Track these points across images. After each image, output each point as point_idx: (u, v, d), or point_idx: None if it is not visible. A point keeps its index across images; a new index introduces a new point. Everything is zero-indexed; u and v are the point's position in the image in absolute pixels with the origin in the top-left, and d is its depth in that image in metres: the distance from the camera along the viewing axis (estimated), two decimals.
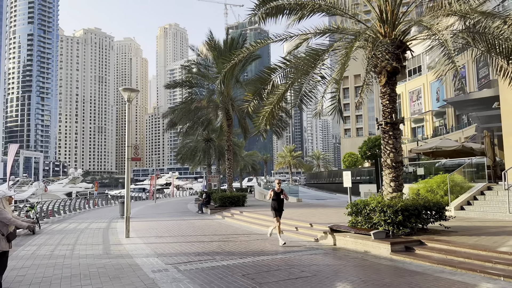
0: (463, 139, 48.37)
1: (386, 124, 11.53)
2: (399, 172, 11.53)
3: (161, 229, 17.32)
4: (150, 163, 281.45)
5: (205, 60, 27.70)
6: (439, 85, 70.67)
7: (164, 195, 68.76)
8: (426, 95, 73.02)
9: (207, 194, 26.95)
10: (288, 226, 15.32)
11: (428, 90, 72.13)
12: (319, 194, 41.19)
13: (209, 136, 41.07)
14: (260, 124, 12.52)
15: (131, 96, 15.70)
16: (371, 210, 11.06)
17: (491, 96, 25.39)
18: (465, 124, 63.43)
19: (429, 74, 72.36)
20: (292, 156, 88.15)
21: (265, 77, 12.64)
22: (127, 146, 15.39)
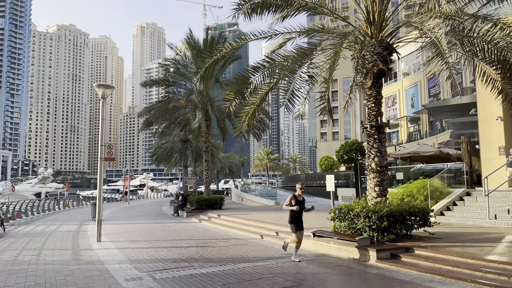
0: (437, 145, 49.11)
1: (371, 127, 11.25)
2: (383, 176, 11.27)
3: (135, 232, 16.57)
4: (124, 164, 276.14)
5: (184, 59, 27.02)
6: (414, 92, 72.04)
7: (138, 197, 67.17)
8: (401, 101, 74.18)
9: (183, 196, 26.23)
10: (267, 230, 14.90)
11: (404, 96, 73.30)
12: None
13: (186, 137, 40.28)
14: (241, 124, 12.04)
15: (106, 92, 14.96)
16: (355, 216, 10.73)
17: (468, 103, 25.75)
18: (438, 130, 64.71)
19: (404, 80, 73.58)
20: (269, 159, 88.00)
21: (248, 76, 12.18)
22: (100, 145, 14.62)
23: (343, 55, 9.30)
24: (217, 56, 12.00)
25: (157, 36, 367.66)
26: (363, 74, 11.44)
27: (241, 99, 12.30)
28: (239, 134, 12.47)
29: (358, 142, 56.81)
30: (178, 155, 41.26)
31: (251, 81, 12.17)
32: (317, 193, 42.60)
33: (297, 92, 10.10)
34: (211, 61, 12.22)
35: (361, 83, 9.30)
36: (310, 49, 10.47)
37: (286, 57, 11.26)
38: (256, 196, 35.59)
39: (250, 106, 11.87)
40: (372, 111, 11.38)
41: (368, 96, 11.39)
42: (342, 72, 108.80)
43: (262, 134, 28.06)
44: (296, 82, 10.09)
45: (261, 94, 11.95)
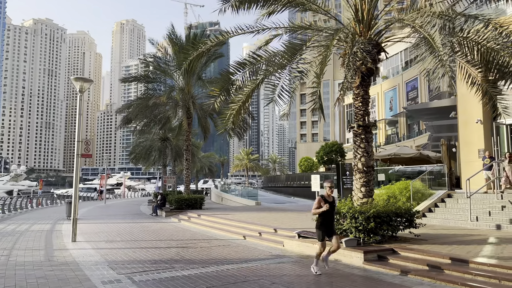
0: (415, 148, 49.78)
1: (358, 127, 11.07)
2: (370, 177, 11.10)
3: (112, 232, 15.99)
4: (101, 162, 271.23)
5: (165, 55, 26.43)
6: (392, 95, 73.06)
7: (115, 196, 65.82)
8: (380, 104, 75.16)
9: (162, 195, 25.64)
10: (250, 231, 14.58)
11: (382, 99, 74.28)
12: (277, 198, 40.83)
13: (165, 135, 39.56)
14: (226, 122, 11.68)
15: (84, 86, 14.36)
16: (341, 216, 10.52)
17: (448, 106, 26.05)
18: (416, 133, 65.78)
19: (383, 83, 74.55)
20: (249, 159, 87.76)
21: (233, 72, 11.83)
22: (77, 141, 14.01)
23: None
24: (202, 49, 11.62)
25: (137, 33, 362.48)
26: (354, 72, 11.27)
27: (226, 96, 11.94)
28: (224, 131, 12.11)
29: (338, 143, 57.17)
30: (157, 153, 40.48)
31: (237, 77, 11.83)
32: (296, 194, 42.64)
33: (286, 88, 9.80)
34: (196, 54, 11.81)
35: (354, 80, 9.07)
36: (300, 44, 10.21)
37: (275, 53, 10.97)
38: (237, 196, 35.26)
39: (236, 103, 11.52)
40: (359, 111, 11.21)
41: (356, 95, 11.21)
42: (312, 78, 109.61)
43: (244, 134, 27.73)
44: (286, 78, 9.83)
45: (247, 91, 11.62)
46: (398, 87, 71.50)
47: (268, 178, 79.85)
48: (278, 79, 9.84)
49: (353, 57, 8.63)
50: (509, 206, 14.15)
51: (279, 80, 9.81)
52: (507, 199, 14.66)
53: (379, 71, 10.94)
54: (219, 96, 11.95)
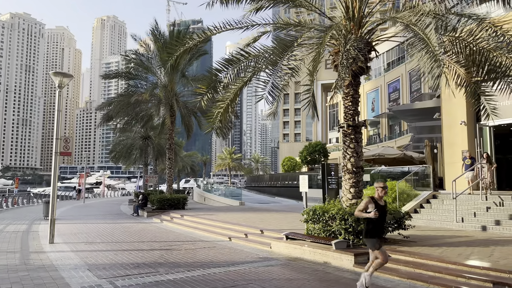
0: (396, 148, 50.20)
1: (348, 126, 10.89)
2: (359, 177, 10.93)
3: (92, 233, 15.43)
4: (79, 161, 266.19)
5: (148, 52, 25.83)
6: (375, 96, 73.76)
7: (94, 195, 64.45)
8: (362, 105, 75.73)
9: (143, 195, 25.06)
10: (236, 232, 14.26)
11: (364, 100, 74.89)
12: (261, 198, 40.56)
13: (147, 134, 38.87)
14: (214, 120, 11.33)
15: (63, 81, 13.78)
16: (331, 218, 10.32)
17: (432, 107, 26.21)
18: (397, 134, 66.54)
19: (366, 84, 75.17)
20: (232, 159, 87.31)
21: (221, 69, 11.48)
22: (55, 138, 13.43)
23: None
24: (189, 44, 11.24)
25: (118, 30, 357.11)
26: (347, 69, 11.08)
27: (213, 93, 11.58)
28: (211, 130, 11.75)
29: (322, 143, 57.30)
30: (138, 152, 39.74)
31: (224, 75, 11.49)
32: (280, 193, 42.43)
33: (277, 85, 9.52)
34: (183, 49, 11.41)
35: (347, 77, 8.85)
36: (291, 41, 9.94)
37: (265, 50, 10.67)
38: (220, 196, 34.87)
39: (224, 101, 11.19)
40: (349, 110, 11.03)
41: (346, 94, 11.03)
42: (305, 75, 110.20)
43: (228, 133, 27.33)
44: (277, 75, 9.54)
45: (234, 88, 11.31)
46: (380, 88, 72.23)
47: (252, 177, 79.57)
48: (269, 76, 9.55)
49: (347, 54, 8.40)
50: (494, 208, 14.22)
51: (270, 77, 9.51)
52: (491, 200, 14.74)
53: (370, 70, 10.76)
54: (206, 93, 11.59)
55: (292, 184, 42.78)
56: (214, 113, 11.33)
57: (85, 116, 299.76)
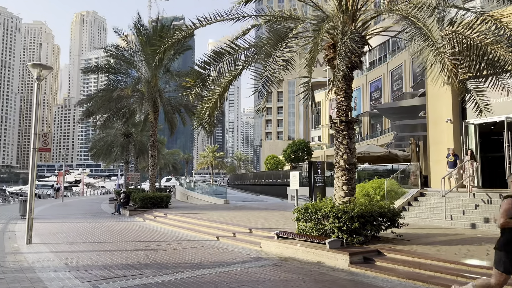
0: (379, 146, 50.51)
1: (341, 122, 10.60)
2: (352, 175, 10.66)
3: (72, 233, 14.78)
4: (57, 158, 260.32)
5: (131, 46, 25.08)
6: (356, 95, 74.20)
7: (73, 194, 62.83)
8: None
9: (125, 193, 24.37)
10: (223, 231, 13.85)
11: None
12: (245, 196, 40.18)
13: (128, 131, 37.98)
14: (203, 115, 10.89)
15: (42, 74, 13.10)
16: (323, 216, 10.01)
17: (418, 105, 26.24)
18: (379, 132, 67.15)
19: None
20: (215, 157, 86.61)
21: (210, 62, 11.04)
22: (33, 133, 12.75)
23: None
24: (178, 36, 10.76)
25: (98, 26, 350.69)
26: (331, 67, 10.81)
27: (202, 87, 11.13)
28: (199, 125, 11.30)
29: (305, 142, 57.26)
30: (119, 149, 38.81)
31: (214, 68, 11.06)
32: (264, 191, 42.14)
33: (272, 77, 9.13)
34: (171, 41, 10.91)
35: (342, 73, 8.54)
36: (285, 32, 9.56)
37: (257, 42, 10.28)
38: (203, 194, 34.37)
39: (213, 95, 10.77)
40: (342, 106, 10.74)
41: (338, 89, 10.73)
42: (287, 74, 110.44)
43: (213, 130, 26.89)
44: (271, 67, 9.16)
45: (224, 82, 10.90)
46: (362, 87, 72.77)
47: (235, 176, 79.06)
48: (264, 68, 9.15)
49: (345, 46, 8.09)
50: (482, 205, 14.20)
51: (264, 69, 9.12)
52: (479, 198, 14.73)
53: (363, 64, 10.50)
54: (194, 87, 11.12)
55: (276, 182, 42.57)
56: (203, 108, 10.90)
57: (63, 113, 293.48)
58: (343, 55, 8.03)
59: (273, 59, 9.14)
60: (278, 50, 9.14)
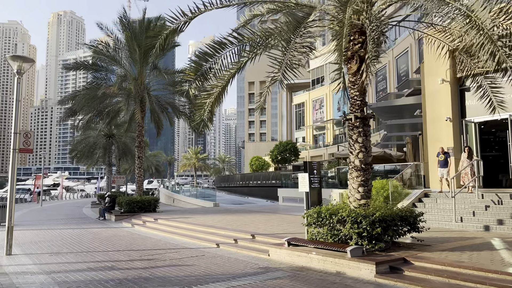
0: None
1: (356, 118, 9.78)
2: (368, 175, 9.85)
3: (56, 241, 13.55)
4: (34, 161, 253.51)
5: (115, 41, 23.78)
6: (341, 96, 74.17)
7: (51, 197, 60.45)
8: (328, 104, 76.11)
9: (111, 197, 23.08)
10: (223, 237, 12.86)
11: (330, 99, 75.25)
12: (233, 198, 39.14)
13: (111, 132, 36.47)
14: (204, 111, 9.92)
15: (23, 67, 11.90)
16: (339, 221, 9.16)
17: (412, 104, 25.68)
18: None
19: (331, 84, 75.50)
20: (198, 158, 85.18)
21: (212, 53, 10.08)
22: (14, 132, 11.53)
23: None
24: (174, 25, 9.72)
25: (76, 26, 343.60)
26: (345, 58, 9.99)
27: (202, 81, 10.15)
28: (200, 121, 10.31)
29: (292, 142, 56.64)
30: (102, 151, 37.24)
31: (215, 60, 10.10)
32: (252, 193, 41.14)
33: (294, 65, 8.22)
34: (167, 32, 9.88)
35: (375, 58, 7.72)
36: (302, 17, 8.67)
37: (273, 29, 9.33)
38: (191, 197, 33.22)
39: (216, 88, 9.81)
40: (356, 100, 9.93)
41: (352, 83, 9.91)
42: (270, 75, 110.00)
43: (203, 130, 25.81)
44: (292, 54, 8.25)
45: (228, 75, 9.96)
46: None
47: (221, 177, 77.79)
48: (284, 55, 8.23)
49: (374, 30, 7.25)
50: (493, 206, 13.61)
51: (284, 56, 8.20)
52: (488, 198, 14.15)
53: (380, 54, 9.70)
54: (194, 81, 10.14)
55: (265, 184, 41.65)
56: (205, 103, 9.92)
57: (40, 114, 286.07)
58: (375, 39, 7.20)
59: (293, 45, 8.25)
60: (297, 36, 8.25)
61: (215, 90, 9.92)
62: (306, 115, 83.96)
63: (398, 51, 58.18)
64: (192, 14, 9.47)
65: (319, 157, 75.52)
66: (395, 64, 59.22)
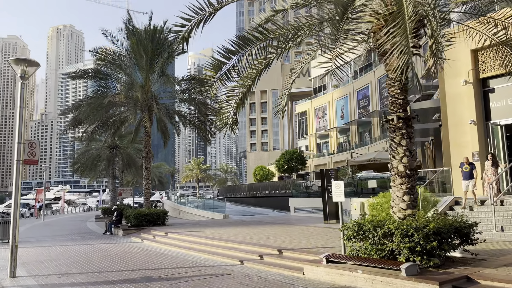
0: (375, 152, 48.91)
1: (398, 119, 8.80)
2: (413, 182, 8.84)
3: (63, 260, 12.47)
4: (34, 176, 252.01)
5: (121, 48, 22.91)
6: (344, 103, 73.39)
7: (52, 212, 59.13)
8: (331, 113, 75.33)
9: (118, 211, 22.00)
10: (245, 253, 11.79)
11: (333, 107, 74.50)
12: (242, 209, 38.01)
13: (114, 143, 35.45)
14: (229, 114, 8.95)
15: (28, 71, 10.98)
16: (386, 234, 8.13)
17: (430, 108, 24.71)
18: (367, 141, 66.18)
19: (334, 92, 74.89)
20: (201, 169, 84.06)
21: (235, 50, 9.15)
22: (17, 142, 10.54)
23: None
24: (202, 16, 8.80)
25: (75, 40, 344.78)
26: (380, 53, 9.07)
27: (225, 80, 9.21)
28: (224, 126, 9.32)
29: (299, 151, 55.63)
30: (106, 163, 36.20)
31: (239, 57, 9.17)
32: (260, 204, 39.99)
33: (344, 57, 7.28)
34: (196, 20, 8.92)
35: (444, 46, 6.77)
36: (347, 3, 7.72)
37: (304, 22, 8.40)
38: (198, 209, 32.11)
39: (240, 88, 8.88)
40: (397, 99, 8.96)
41: (393, 80, 8.97)
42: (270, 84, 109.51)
43: (211, 139, 24.90)
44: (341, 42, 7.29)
45: (254, 72, 9.02)
46: (349, 96, 72.10)
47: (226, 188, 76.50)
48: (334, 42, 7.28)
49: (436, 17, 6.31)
50: None
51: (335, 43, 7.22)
52: None
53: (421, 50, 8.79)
54: (216, 81, 9.19)
55: (273, 194, 40.52)
56: (228, 105, 8.95)
57: (40, 128, 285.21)
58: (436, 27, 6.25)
59: (343, 31, 7.31)
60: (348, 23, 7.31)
61: (240, 90, 8.97)
62: (309, 124, 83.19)
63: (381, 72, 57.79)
64: (218, 5, 8.56)
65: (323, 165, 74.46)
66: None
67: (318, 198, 25.63)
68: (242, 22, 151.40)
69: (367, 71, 68.60)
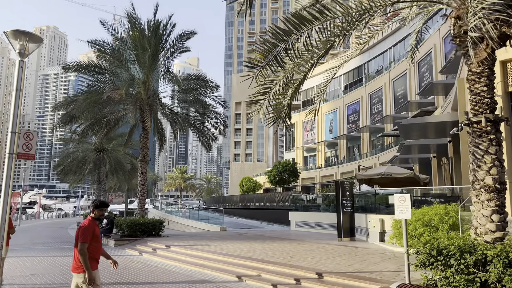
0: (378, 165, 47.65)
1: (487, 121, 7.32)
2: (503, 199, 7.34)
3: (54, 275, 10.46)
4: None
5: (120, 41, 21.04)
6: (333, 117, 72.67)
7: (27, 217, 55.73)
8: (319, 126, 74.49)
9: (109, 219, 19.88)
10: (276, 275, 10.00)
11: (322, 121, 73.69)
12: (236, 221, 36.07)
13: (102, 146, 33.17)
14: (282, 105, 7.30)
15: (27, 47, 9.08)
16: (478, 262, 6.56)
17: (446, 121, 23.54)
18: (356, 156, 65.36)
19: (323, 106, 74.13)
20: (184, 178, 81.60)
21: (289, 30, 7.56)
22: (11, 132, 8.59)
23: None
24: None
25: (58, 41, 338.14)
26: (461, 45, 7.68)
27: (276, 66, 7.58)
28: (277, 118, 7.66)
29: (292, 162, 54.17)
30: (92, 166, 33.83)
31: (294, 39, 7.57)
32: (254, 216, 38.13)
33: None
34: None
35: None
36: None
37: None
38: (191, 219, 30.12)
39: (299, 74, 7.26)
40: (483, 98, 7.50)
41: (478, 75, 7.52)
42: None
43: (212, 144, 23.13)
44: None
45: (314, 56, 7.42)
46: (339, 110, 71.49)
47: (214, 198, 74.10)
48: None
49: None
50: None
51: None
52: None
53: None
54: (264, 66, 7.55)
55: (269, 206, 38.75)
56: (283, 95, 7.32)
57: None
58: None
59: None
60: None
61: (298, 77, 7.35)
62: (297, 137, 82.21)
63: (395, 74, 57.26)
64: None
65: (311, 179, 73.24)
66: (392, 86, 58.17)
67: (323, 213, 24.07)
68: (231, 32, 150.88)
69: (358, 86, 68.17)
